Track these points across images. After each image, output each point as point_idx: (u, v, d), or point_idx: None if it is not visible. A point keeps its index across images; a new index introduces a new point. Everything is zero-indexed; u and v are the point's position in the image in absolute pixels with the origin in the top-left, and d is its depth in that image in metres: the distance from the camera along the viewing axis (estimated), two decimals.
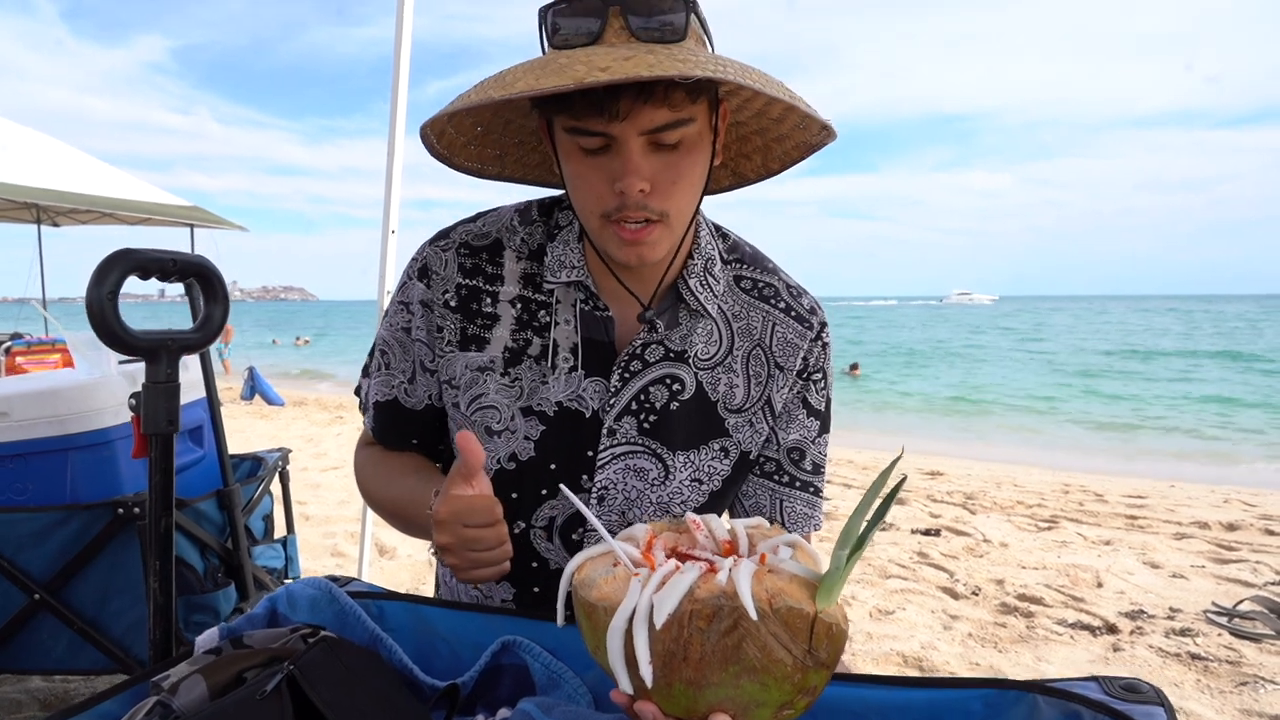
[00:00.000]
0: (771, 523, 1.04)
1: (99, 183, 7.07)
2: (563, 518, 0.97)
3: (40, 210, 7.97)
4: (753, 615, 0.55)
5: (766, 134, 0.98)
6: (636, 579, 0.60)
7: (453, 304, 0.97)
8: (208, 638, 1.03)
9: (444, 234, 1.00)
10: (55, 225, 8.94)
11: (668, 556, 0.70)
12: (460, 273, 0.97)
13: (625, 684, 0.59)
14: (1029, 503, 5.61)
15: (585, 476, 0.96)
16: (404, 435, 1.05)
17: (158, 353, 1.01)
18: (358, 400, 1.10)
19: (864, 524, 0.57)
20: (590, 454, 0.95)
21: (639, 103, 0.76)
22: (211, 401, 2.08)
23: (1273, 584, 3.70)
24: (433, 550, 0.89)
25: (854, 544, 0.57)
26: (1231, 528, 4.90)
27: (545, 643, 0.97)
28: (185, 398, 1.10)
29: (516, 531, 0.98)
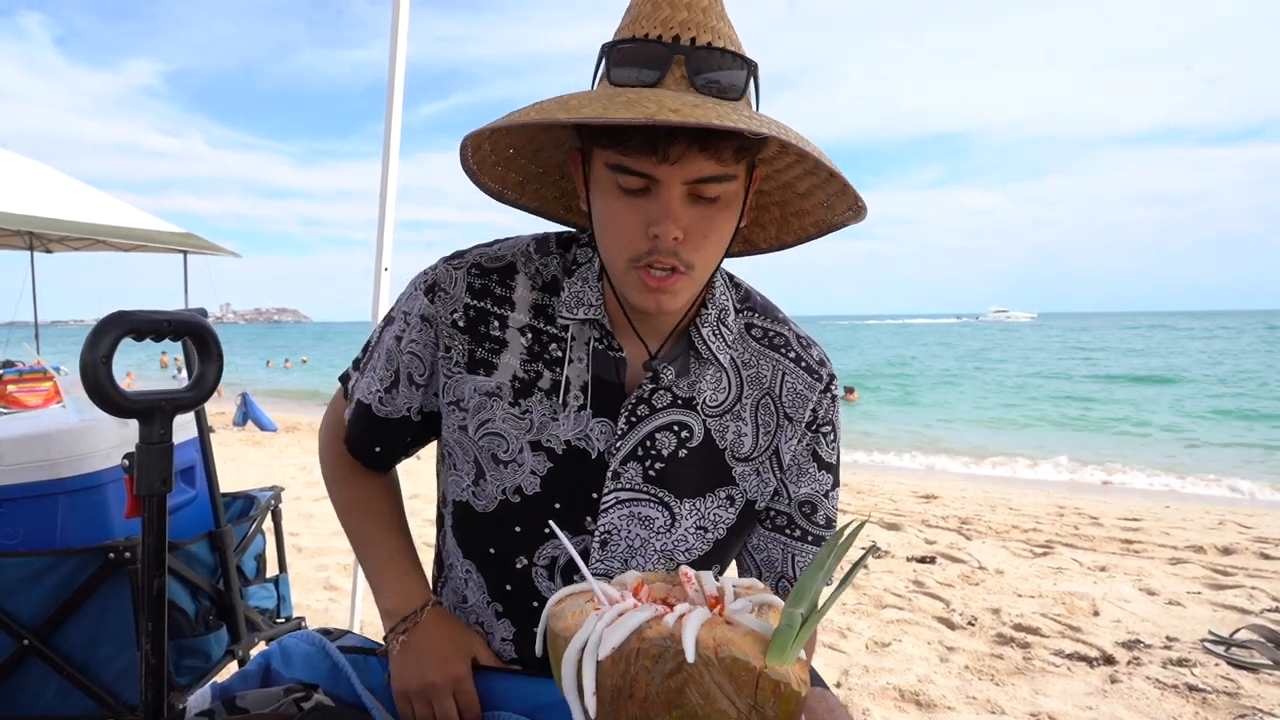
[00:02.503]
0: (782, 577, 1.04)
1: (92, 209, 7.08)
2: (565, 558, 0.97)
3: (33, 237, 7.96)
4: (690, 657, 0.55)
5: (787, 207, 1.00)
6: (595, 613, 0.61)
7: (461, 324, 0.96)
8: (200, 698, 1.02)
9: (458, 254, 1.01)
10: (48, 252, 8.92)
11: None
12: (469, 293, 0.97)
13: (578, 714, 0.60)
14: (1024, 527, 5.61)
15: (589, 518, 0.95)
16: (368, 442, 1.06)
17: (151, 414, 1.01)
18: (341, 386, 1.10)
19: (823, 587, 0.58)
20: (594, 496, 0.95)
21: (692, 150, 0.77)
22: (204, 445, 2.07)
23: (1269, 611, 3.70)
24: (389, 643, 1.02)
25: (810, 606, 0.57)
26: (1227, 551, 4.90)
27: (537, 698, 0.97)
28: (175, 438, 1.09)
29: (519, 567, 0.98)
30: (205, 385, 1.08)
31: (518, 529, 0.96)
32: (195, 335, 1.07)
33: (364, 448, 1.07)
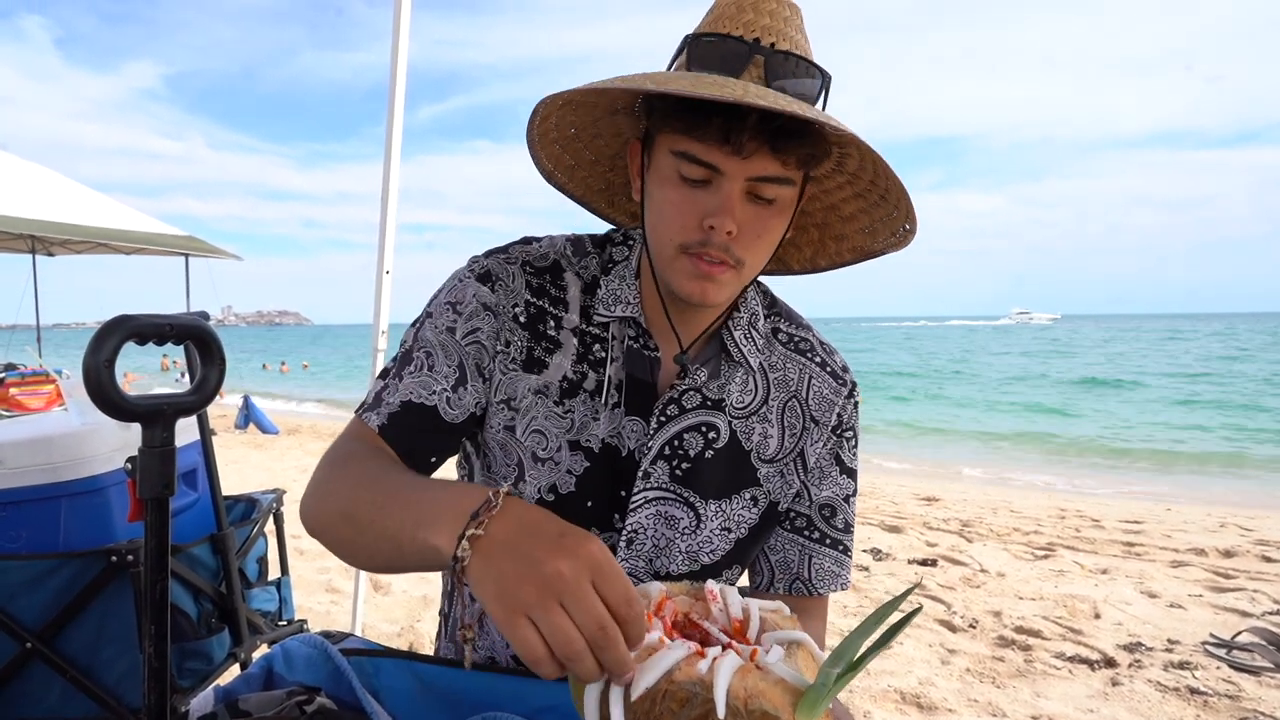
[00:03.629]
0: (797, 579, 1.04)
1: (94, 213, 7.08)
2: None
3: (35, 240, 7.97)
4: (720, 713, 0.55)
5: (826, 230, 1.01)
6: None
7: (522, 320, 0.95)
8: (203, 701, 1.02)
9: (500, 249, 0.98)
10: (50, 255, 8.93)
11: (674, 623, 0.70)
12: (528, 290, 0.95)
13: None
14: (1025, 529, 5.60)
15: (617, 516, 0.95)
16: (425, 450, 0.90)
17: (154, 417, 1.01)
18: (361, 405, 0.93)
19: (863, 648, 0.57)
20: (623, 494, 0.95)
21: (763, 147, 0.78)
22: (206, 448, 2.08)
23: (1270, 614, 3.69)
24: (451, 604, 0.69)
25: (847, 666, 0.57)
26: (1228, 554, 4.90)
27: (537, 700, 0.97)
28: (177, 441, 1.10)
29: None
30: (207, 389, 1.09)
31: None
32: (197, 339, 1.07)
33: (417, 456, 0.90)
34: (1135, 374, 27.01)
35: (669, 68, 0.88)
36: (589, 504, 0.95)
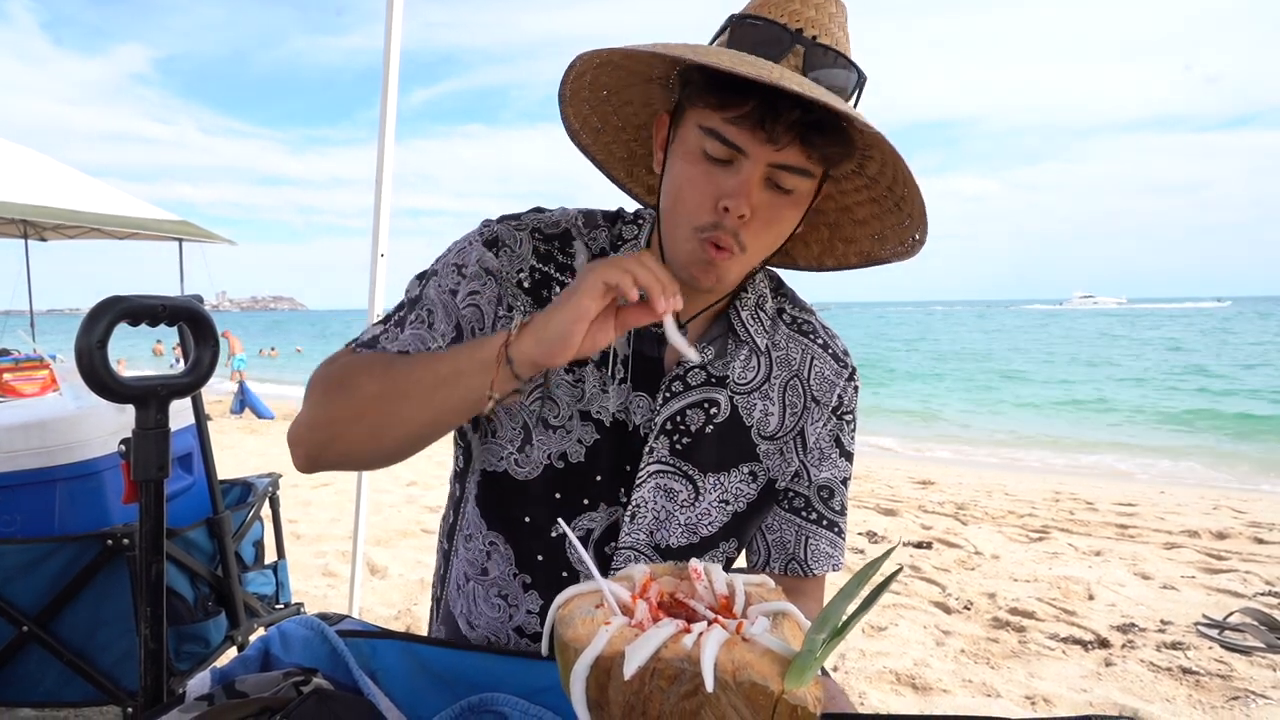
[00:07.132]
0: (793, 559, 1.05)
1: (87, 198, 7.04)
2: (599, 530, 0.97)
3: (28, 225, 7.93)
4: (709, 686, 0.55)
5: (837, 231, 1.01)
6: (605, 628, 0.60)
7: (525, 285, 0.95)
8: (199, 682, 1.02)
9: (512, 216, 0.99)
10: (43, 240, 8.88)
11: (660, 603, 0.70)
12: (535, 256, 0.96)
13: None
14: (1020, 512, 5.63)
15: (623, 490, 0.96)
16: None
17: (147, 399, 1.01)
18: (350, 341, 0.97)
19: (846, 613, 0.57)
20: (629, 469, 0.96)
21: (795, 137, 0.78)
22: (201, 431, 2.07)
23: (1262, 595, 3.72)
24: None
25: (832, 631, 0.57)
26: (1221, 536, 4.93)
27: (536, 681, 0.97)
28: (173, 425, 1.09)
29: (553, 536, 0.98)
30: (201, 370, 1.08)
31: (558, 495, 0.96)
32: (191, 320, 1.06)
33: None
34: None
35: (710, 42, 0.88)
36: (597, 478, 0.96)
